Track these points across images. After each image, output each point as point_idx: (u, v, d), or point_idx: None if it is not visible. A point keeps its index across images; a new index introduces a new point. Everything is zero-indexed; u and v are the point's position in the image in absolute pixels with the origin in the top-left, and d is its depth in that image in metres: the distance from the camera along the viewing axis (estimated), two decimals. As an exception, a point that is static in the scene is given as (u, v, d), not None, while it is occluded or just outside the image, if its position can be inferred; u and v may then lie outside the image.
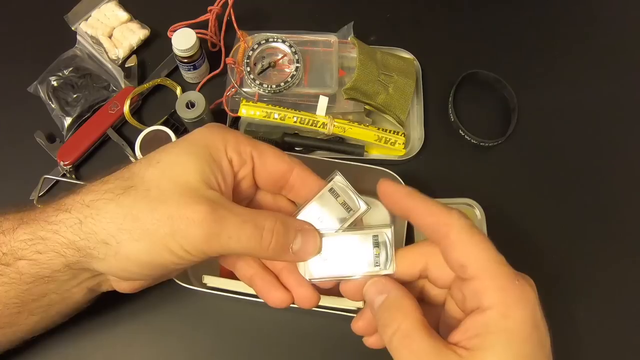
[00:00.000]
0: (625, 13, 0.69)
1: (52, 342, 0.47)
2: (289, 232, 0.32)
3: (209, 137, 0.33)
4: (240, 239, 0.31)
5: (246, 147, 0.34)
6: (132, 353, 0.48)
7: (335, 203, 0.34)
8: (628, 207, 0.58)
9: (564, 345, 0.52)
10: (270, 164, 0.34)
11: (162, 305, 0.50)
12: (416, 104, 0.60)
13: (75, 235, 0.31)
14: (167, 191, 0.31)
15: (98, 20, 0.61)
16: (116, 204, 0.31)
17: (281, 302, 0.34)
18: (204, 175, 0.31)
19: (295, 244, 0.33)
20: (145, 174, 0.32)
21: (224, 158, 0.33)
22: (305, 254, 0.33)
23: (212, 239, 0.30)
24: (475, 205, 0.53)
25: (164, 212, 0.30)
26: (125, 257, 0.31)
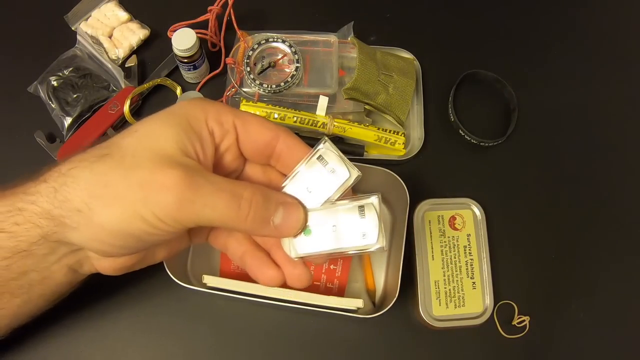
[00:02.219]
0: (626, 13, 0.69)
1: (52, 342, 0.47)
2: (269, 204, 0.31)
3: (189, 107, 0.33)
4: (216, 207, 0.30)
5: (228, 116, 0.33)
6: (132, 353, 0.48)
7: (324, 171, 0.33)
8: (628, 206, 0.58)
9: (564, 345, 0.52)
10: (254, 132, 0.33)
11: (162, 305, 0.50)
12: (416, 103, 0.60)
13: (50, 204, 0.31)
14: (141, 158, 0.30)
15: (98, 20, 0.61)
16: (90, 171, 0.30)
17: (272, 280, 0.34)
18: (180, 144, 0.31)
19: (277, 217, 0.32)
20: (122, 143, 0.31)
21: (204, 128, 0.32)
22: (288, 229, 0.32)
23: (185, 205, 0.29)
24: (475, 205, 0.53)
25: (136, 178, 0.29)
26: (97, 225, 0.30)
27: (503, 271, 0.53)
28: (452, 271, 0.51)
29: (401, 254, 0.47)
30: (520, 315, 0.51)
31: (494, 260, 0.52)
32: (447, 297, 0.50)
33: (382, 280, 0.52)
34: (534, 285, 0.54)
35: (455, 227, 0.53)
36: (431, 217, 0.53)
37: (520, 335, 0.50)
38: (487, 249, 0.52)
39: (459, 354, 0.51)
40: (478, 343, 0.51)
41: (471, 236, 0.52)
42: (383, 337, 0.50)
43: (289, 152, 0.34)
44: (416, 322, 0.51)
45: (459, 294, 0.50)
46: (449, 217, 0.53)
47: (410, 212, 0.50)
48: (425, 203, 0.53)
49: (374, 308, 0.51)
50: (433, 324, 0.49)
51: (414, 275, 0.50)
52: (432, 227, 0.52)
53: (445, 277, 0.50)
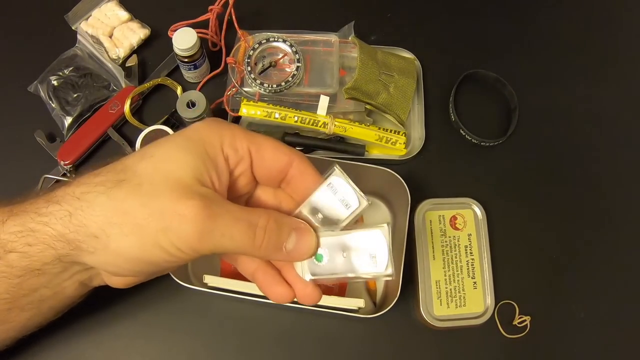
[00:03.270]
0: (626, 13, 0.69)
1: (52, 342, 0.47)
2: (282, 230, 0.32)
3: (205, 132, 0.32)
4: (234, 236, 0.30)
5: (243, 142, 0.33)
6: (133, 353, 0.48)
7: (334, 199, 0.33)
8: (628, 206, 0.58)
9: (564, 345, 0.52)
10: (269, 159, 0.33)
11: (163, 305, 0.50)
12: (417, 103, 0.60)
13: (65, 227, 0.31)
14: (159, 186, 0.30)
15: (98, 20, 0.61)
16: (107, 197, 0.30)
17: (283, 297, 0.34)
18: (197, 172, 0.31)
19: (289, 243, 0.32)
20: (137, 168, 0.31)
21: (219, 155, 0.32)
22: (300, 254, 0.33)
23: (205, 236, 0.29)
24: (476, 204, 0.53)
25: (155, 207, 0.29)
26: (114, 251, 0.30)
27: (504, 271, 0.53)
28: (453, 271, 0.51)
29: (402, 254, 0.47)
30: (521, 315, 0.51)
31: (494, 260, 0.52)
32: (448, 297, 0.50)
33: (383, 280, 0.52)
34: (535, 285, 0.54)
35: (456, 226, 0.53)
36: (432, 217, 0.52)
37: (521, 335, 0.51)
38: (488, 249, 0.52)
39: (460, 354, 0.51)
40: (479, 343, 0.51)
41: (472, 236, 0.52)
42: (384, 337, 0.50)
43: (300, 178, 0.34)
44: (417, 321, 0.51)
45: (460, 294, 0.50)
46: (450, 217, 0.53)
47: (411, 211, 0.50)
48: (426, 203, 0.53)
49: (375, 308, 0.51)
50: (434, 324, 0.49)
51: (415, 275, 0.50)
52: (433, 226, 0.52)
53: (446, 277, 0.50)
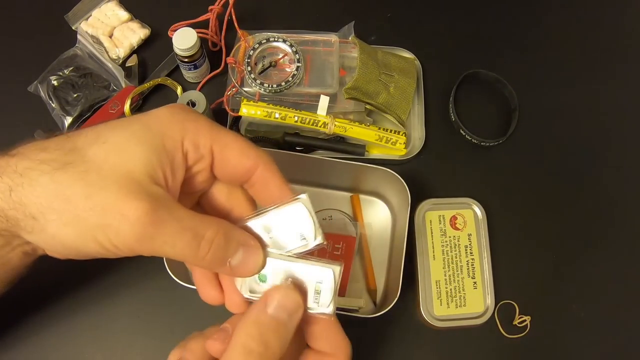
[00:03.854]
0: (626, 13, 0.69)
1: (51, 342, 0.47)
2: (230, 245, 0.30)
3: (166, 123, 0.30)
4: (176, 245, 0.28)
5: (206, 139, 0.31)
6: (132, 353, 0.48)
7: (292, 225, 0.31)
8: (629, 206, 0.58)
9: (564, 345, 0.52)
10: (233, 161, 0.32)
11: (162, 305, 0.50)
12: (417, 103, 0.59)
13: (5, 202, 0.30)
14: (106, 178, 0.28)
15: (98, 20, 0.61)
16: (50, 178, 0.28)
17: (213, 300, 0.34)
18: (150, 168, 0.29)
19: (235, 259, 0.30)
20: (87, 152, 0.29)
21: (178, 150, 0.30)
22: (244, 271, 0.31)
23: (145, 240, 0.28)
24: (476, 204, 0.53)
25: (98, 201, 0.28)
26: (51, 236, 0.29)
27: (504, 271, 0.53)
28: (453, 271, 0.51)
29: (402, 254, 0.47)
30: (521, 315, 0.51)
31: (495, 260, 0.52)
32: (448, 296, 0.50)
33: (383, 280, 0.52)
34: (535, 285, 0.54)
35: (456, 226, 0.53)
36: (432, 217, 0.52)
37: (521, 335, 0.50)
38: (488, 249, 0.52)
39: (460, 354, 0.50)
40: (479, 343, 0.51)
41: (472, 236, 0.52)
42: (384, 337, 0.50)
43: (262, 186, 0.33)
44: (417, 321, 0.51)
45: (460, 294, 0.50)
46: (450, 217, 0.53)
47: (412, 212, 0.50)
48: (426, 203, 0.53)
49: (375, 308, 0.51)
50: (434, 324, 0.49)
51: (415, 275, 0.50)
52: (433, 226, 0.52)
53: (447, 277, 0.50)
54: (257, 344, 0.28)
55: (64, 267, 0.49)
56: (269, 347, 0.29)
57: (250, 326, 0.29)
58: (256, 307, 0.30)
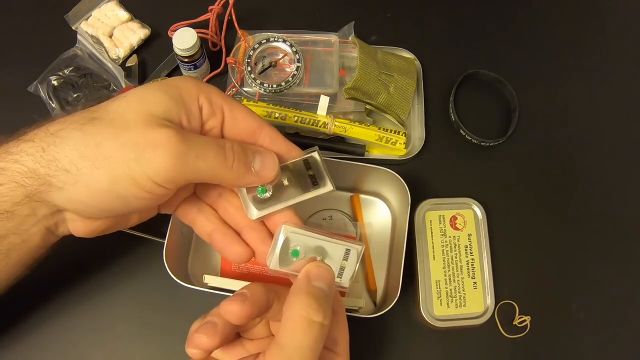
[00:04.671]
0: (626, 13, 0.69)
1: (53, 342, 0.47)
2: (247, 151, 0.33)
3: (183, 81, 0.33)
4: (208, 157, 0.31)
5: (218, 99, 0.34)
6: (133, 353, 0.48)
7: (304, 173, 0.35)
8: (629, 206, 0.58)
9: (564, 345, 0.52)
10: (241, 120, 0.34)
11: (163, 305, 0.50)
12: (417, 103, 0.59)
13: (37, 162, 0.31)
14: (131, 120, 0.30)
15: (98, 20, 0.61)
16: (81, 132, 0.31)
17: (241, 256, 0.35)
18: (168, 111, 0.31)
19: (256, 163, 0.33)
20: (110, 106, 0.32)
21: (194, 103, 0.33)
22: (267, 173, 0.34)
23: (180, 159, 0.30)
24: (476, 204, 0.53)
25: (127, 138, 0.30)
26: (84, 185, 0.31)
27: (504, 271, 0.53)
28: (453, 271, 0.51)
29: (402, 254, 0.47)
30: (521, 315, 0.51)
31: (495, 260, 0.52)
32: (448, 296, 0.50)
33: (383, 280, 0.52)
34: (535, 285, 0.54)
35: (456, 226, 0.53)
36: (432, 217, 0.52)
37: (521, 335, 0.51)
38: (488, 249, 0.52)
39: (460, 354, 0.51)
40: (479, 343, 0.51)
41: (472, 236, 0.52)
42: (384, 337, 0.50)
43: (270, 144, 0.35)
44: (417, 321, 0.51)
45: (460, 294, 0.50)
46: (450, 217, 0.53)
47: (411, 211, 0.50)
48: (426, 203, 0.53)
49: (375, 308, 0.51)
50: (434, 324, 0.49)
51: (415, 275, 0.50)
52: (433, 226, 0.52)
53: (447, 277, 0.50)
54: (317, 313, 0.29)
55: (64, 266, 0.49)
56: (327, 316, 0.30)
57: (307, 297, 0.30)
58: (302, 282, 0.32)
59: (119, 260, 0.51)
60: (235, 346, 0.37)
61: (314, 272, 0.32)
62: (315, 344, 0.29)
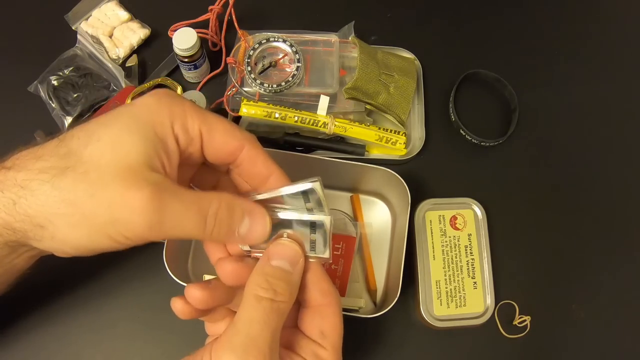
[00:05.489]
0: (626, 13, 0.69)
1: (53, 342, 0.47)
2: (234, 216, 0.31)
3: (154, 111, 0.31)
4: (184, 225, 0.30)
5: (194, 122, 0.32)
6: (132, 353, 0.48)
7: (302, 206, 0.33)
8: (629, 206, 0.58)
9: (564, 345, 0.52)
10: (219, 141, 0.33)
11: (162, 305, 0.49)
12: (417, 103, 0.59)
13: (10, 216, 0.30)
14: (107, 174, 0.28)
15: (98, 20, 0.61)
16: (52, 185, 0.29)
17: None
18: (147, 157, 0.29)
19: (242, 227, 0.32)
20: (83, 153, 0.29)
21: (169, 136, 0.31)
22: (253, 238, 0.32)
23: (154, 227, 0.29)
24: (476, 204, 0.53)
25: (103, 198, 0.28)
26: (61, 240, 0.30)
27: (504, 271, 0.53)
28: (453, 271, 0.51)
29: (402, 254, 0.47)
30: (521, 315, 0.51)
31: (495, 260, 0.52)
32: (448, 296, 0.50)
33: (383, 280, 0.52)
34: (535, 285, 0.54)
35: (456, 226, 0.53)
36: (432, 217, 0.52)
37: (521, 335, 0.50)
38: (488, 249, 0.52)
39: (460, 354, 0.50)
40: (479, 343, 0.51)
41: (472, 236, 0.52)
42: (384, 337, 0.50)
43: (250, 163, 0.34)
44: (417, 321, 0.51)
45: (460, 294, 0.50)
46: (450, 217, 0.53)
47: (412, 211, 0.50)
48: (426, 203, 0.53)
49: (375, 308, 0.51)
50: (434, 324, 0.49)
51: (415, 275, 0.50)
52: (433, 226, 0.52)
53: (447, 277, 0.50)
54: (265, 290, 0.30)
55: (63, 268, 0.49)
56: (277, 293, 0.30)
57: (258, 276, 0.31)
58: (261, 261, 0.32)
59: (118, 261, 0.50)
60: None
61: (272, 250, 0.32)
62: (265, 317, 0.30)
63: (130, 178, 0.28)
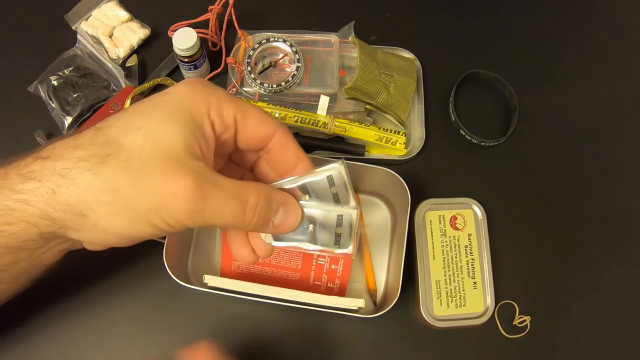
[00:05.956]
0: (626, 13, 0.69)
1: (52, 342, 0.47)
2: (272, 206, 0.32)
3: (190, 98, 0.31)
4: (224, 214, 0.30)
5: (229, 109, 0.32)
6: (133, 353, 0.48)
7: (327, 190, 0.34)
8: (628, 206, 0.58)
9: (564, 345, 0.52)
10: (253, 128, 0.33)
11: (163, 305, 0.50)
12: (417, 103, 0.59)
13: (49, 206, 0.30)
14: (149, 162, 0.29)
15: (98, 20, 0.61)
16: (93, 174, 0.29)
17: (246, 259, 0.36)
18: (187, 144, 0.30)
19: (277, 218, 0.33)
20: (124, 142, 0.29)
21: (206, 122, 0.31)
22: (285, 228, 0.34)
23: (196, 214, 0.29)
24: (476, 204, 0.53)
25: (147, 186, 0.29)
26: (103, 229, 0.30)
27: (504, 271, 0.53)
28: (453, 271, 0.51)
29: (402, 254, 0.47)
30: (521, 315, 0.51)
31: (495, 260, 0.52)
32: (448, 297, 0.50)
33: (383, 280, 0.52)
34: (535, 285, 0.54)
35: (456, 226, 0.53)
36: (432, 217, 0.52)
37: (521, 335, 0.50)
38: (488, 249, 0.52)
39: (460, 354, 0.51)
40: (479, 343, 0.51)
41: (472, 236, 0.52)
42: (384, 337, 0.50)
43: (280, 149, 0.34)
44: (417, 321, 0.51)
45: (460, 294, 0.50)
46: (450, 217, 0.53)
47: (412, 211, 0.50)
48: (426, 203, 0.53)
49: (375, 308, 0.51)
50: (434, 324, 0.49)
51: (415, 275, 0.50)
52: (433, 226, 0.52)
53: (447, 277, 0.50)
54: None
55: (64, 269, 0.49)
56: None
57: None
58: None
59: (119, 261, 0.50)
60: None
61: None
62: None
63: (172, 166, 0.29)
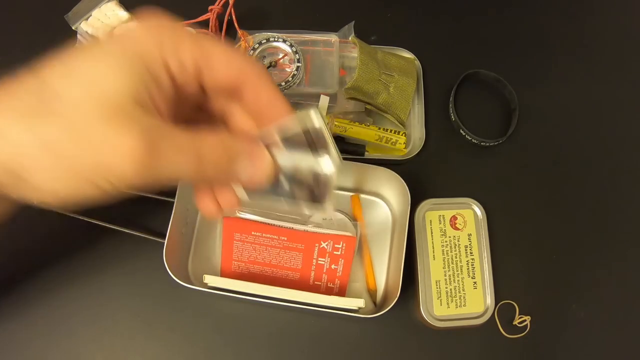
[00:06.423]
0: (626, 13, 0.69)
1: (52, 341, 0.47)
2: (232, 157, 0.29)
3: (143, 42, 0.28)
4: (177, 169, 0.27)
5: (188, 50, 0.28)
6: (133, 353, 0.48)
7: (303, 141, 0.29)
8: (629, 206, 0.58)
9: (564, 345, 0.52)
10: (219, 69, 0.29)
11: (163, 305, 0.50)
12: (417, 103, 0.59)
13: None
14: (89, 114, 0.25)
15: (98, 20, 0.61)
16: (25, 127, 0.25)
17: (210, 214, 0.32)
18: (135, 93, 0.26)
19: (242, 170, 0.29)
20: (61, 89, 0.26)
21: (161, 68, 0.28)
22: (255, 180, 0.30)
23: (144, 171, 0.26)
24: (476, 204, 0.53)
25: (85, 140, 0.25)
26: (39, 188, 0.27)
27: (504, 271, 0.53)
28: (453, 271, 0.51)
29: (402, 254, 0.47)
30: (521, 315, 0.51)
31: (495, 260, 0.52)
32: (448, 296, 0.50)
33: (383, 280, 0.52)
34: (535, 285, 0.54)
35: (456, 226, 0.53)
36: (432, 217, 0.52)
37: (521, 335, 0.50)
38: (488, 249, 0.52)
39: (460, 354, 0.51)
40: (479, 343, 0.51)
41: (472, 236, 0.52)
42: (384, 337, 0.50)
43: (254, 94, 0.30)
44: (417, 321, 0.51)
45: (460, 294, 0.50)
46: (450, 217, 0.53)
47: (411, 211, 0.50)
48: (426, 203, 0.53)
49: (375, 308, 0.51)
50: (434, 324, 0.49)
51: (415, 275, 0.50)
52: (433, 226, 0.52)
53: (447, 277, 0.50)
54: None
55: (64, 266, 0.49)
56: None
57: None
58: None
59: (119, 260, 0.51)
60: None
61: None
62: None
63: (116, 117, 0.25)
